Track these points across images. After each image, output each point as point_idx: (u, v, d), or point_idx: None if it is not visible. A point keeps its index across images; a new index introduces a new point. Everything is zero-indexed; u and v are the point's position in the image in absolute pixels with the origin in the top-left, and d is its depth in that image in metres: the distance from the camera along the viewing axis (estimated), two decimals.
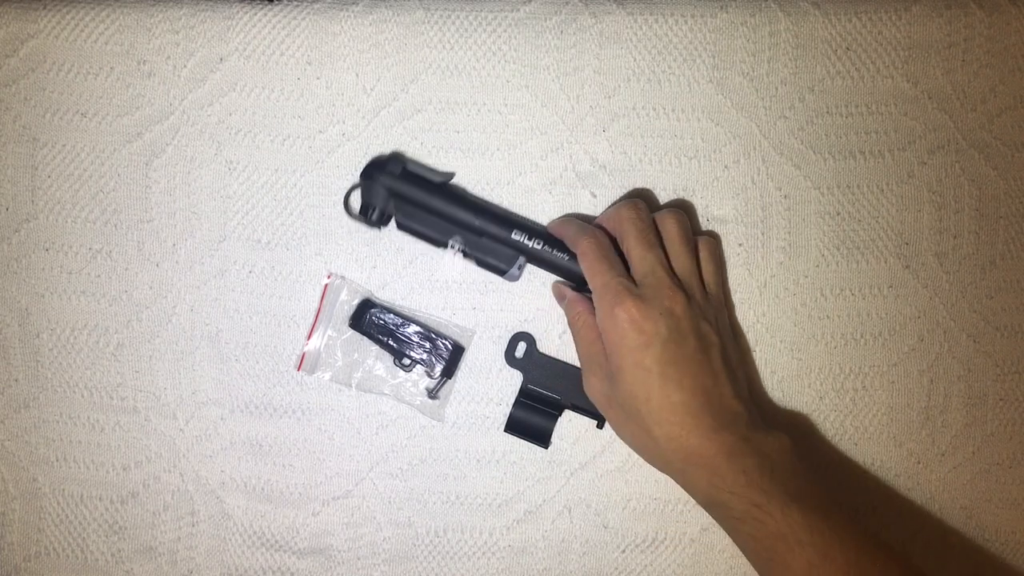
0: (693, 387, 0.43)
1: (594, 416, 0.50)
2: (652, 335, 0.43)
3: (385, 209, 0.49)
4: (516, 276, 0.49)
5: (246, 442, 0.51)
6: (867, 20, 0.51)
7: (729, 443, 0.43)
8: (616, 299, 0.44)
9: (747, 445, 0.43)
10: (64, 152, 0.51)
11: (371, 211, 0.49)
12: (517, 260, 0.49)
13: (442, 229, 0.48)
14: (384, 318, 0.50)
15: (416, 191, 0.48)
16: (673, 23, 0.50)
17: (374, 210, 0.49)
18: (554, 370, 0.50)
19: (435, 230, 0.48)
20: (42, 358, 0.51)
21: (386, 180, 0.48)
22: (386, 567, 0.51)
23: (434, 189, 0.48)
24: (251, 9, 0.50)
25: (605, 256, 0.46)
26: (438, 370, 0.51)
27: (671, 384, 0.43)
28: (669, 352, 0.43)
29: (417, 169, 0.49)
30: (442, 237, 0.49)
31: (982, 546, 0.52)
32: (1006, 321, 0.51)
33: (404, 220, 0.49)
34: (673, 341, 0.43)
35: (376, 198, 0.48)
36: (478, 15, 0.50)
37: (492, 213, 0.49)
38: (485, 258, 0.49)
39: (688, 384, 0.43)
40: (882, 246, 0.51)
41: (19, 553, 0.52)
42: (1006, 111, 0.51)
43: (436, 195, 0.48)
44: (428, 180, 0.48)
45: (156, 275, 0.51)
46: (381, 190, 0.48)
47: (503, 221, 0.48)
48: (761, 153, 0.51)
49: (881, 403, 0.51)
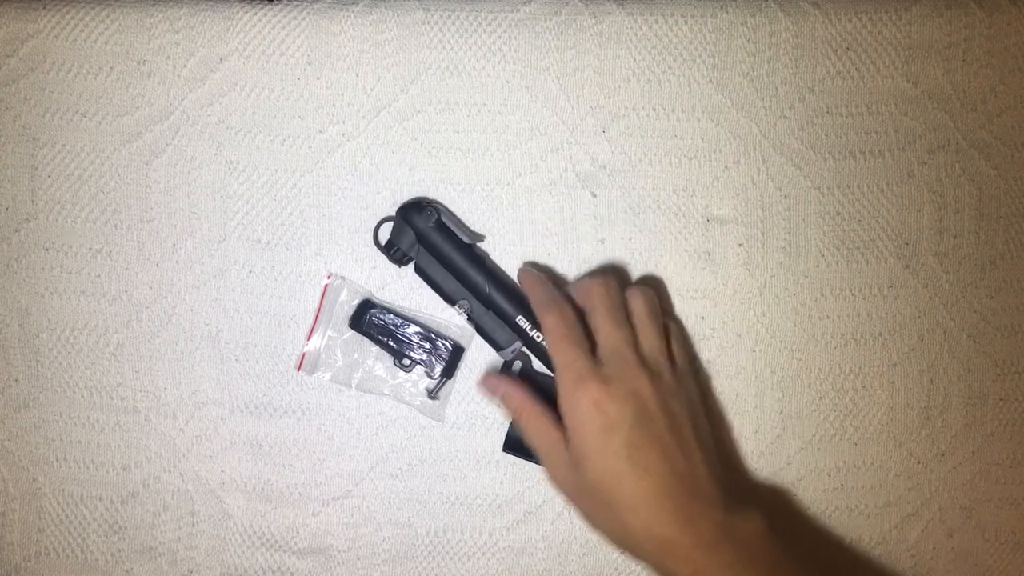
0: (663, 471, 0.41)
1: None
2: (618, 418, 0.42)
3: (409, 251, 0.49)
4: (509, 356, 0.49)
5: (246, 442, 0.51)
6: (867, 20, 0.51)
7: (707, 533, 0.41)
8: (579, 381, 0.42)
9: (725, 535, 0.41)
10: (64, 152, 0.51)
11: (396, 249, 0.49)
12: (513, 343, 0.49)
13: (455, 288, 0.49)
14: (384, 318, 0.50)
15: (443, 244, 0.48)
16: (673, 23, 0.50)
17: (399, 249, 0.49)
18: (550, 388, 0.50)
19: (449, 286, 0.49)
20: (42, 358, 0.51)
21: (418, 225, 0.49)
22: (386, 567, 0.51)
23: (460, 247, 0.49)
24: (251, 9, 0.50)
25: (569, 334, 0.44)
26: (438, 370, 0.51)
27: (641, 469, 0.41)
28: (637, 435, 0.42)
29: (450, 223, 0.49)
30: (453, 295, 0.49)
31: (982, 546, 0.52)
32: (1006, 321, 0.51)
33: (423, 267, 0.49)
34: (640, 423, 0.42)
35: (404, 239, 0.49)
36: (478, 15, 0.50)
37: (506, 290, 0.49)
38: (485, 329, 0.49)
39: (658, 468, 0.41)
40: (882, 246, 0.51)
41: (19, 553, 0.52)
42: (1006, 111, 0.51)
43: (460, 254, 0.48)
44: (457, 237, 0.49)
45: (156, 275, 0.51)
46: (411, 233, 0.49)
47: (513, 302, 0.48)
48: (761, 153, 0.51)
49: (881, 403, 0.51)
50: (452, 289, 0.49)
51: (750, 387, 0.51)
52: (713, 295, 0.51)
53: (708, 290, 0.51)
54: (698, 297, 0.51)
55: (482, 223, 0.51)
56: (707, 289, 0.51)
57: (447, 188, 0.51)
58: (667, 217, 0.51)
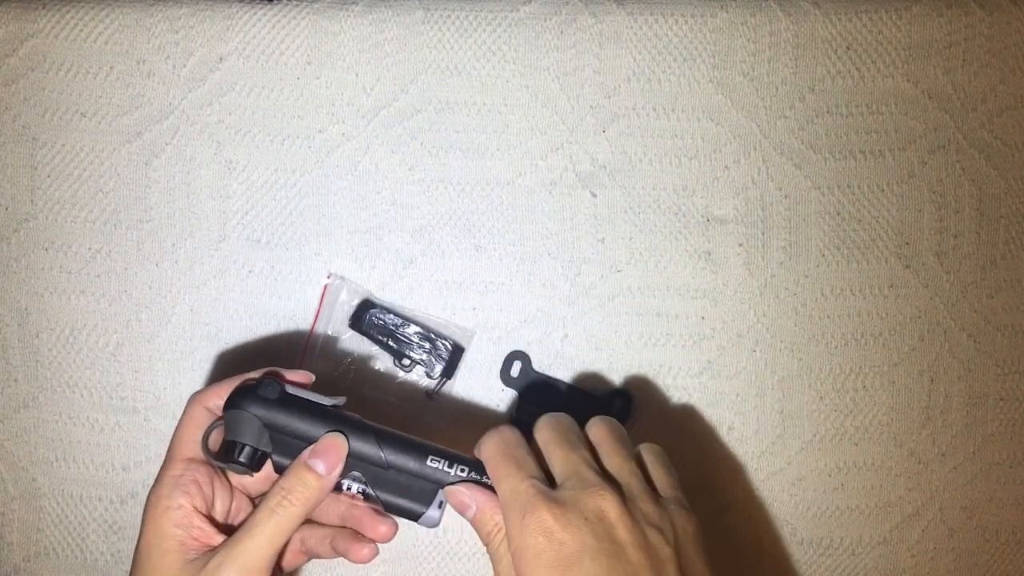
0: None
1: None
2: (576, 549, 0.33)
3: (258, 444, 0.39)
4: (436, 519, 0.39)
5: None
6: (867, 20, 0.51)
7: None
8: (526, 506, 0.34)
9: None
10: (63, 152, 0.51)
11: (240, 449, 0.38)
12: (436, 497, 0.39)
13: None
14: (384, 318, 0.50)
15: (297, 421, 0.39)
16: (673, 23, 0.50)
17: (243, 447, 0.38)
18: (550, 388, 0.50)
19: None
20: (42, 358, 0.51)
21: (257, 410, 0.39)
22: (386, 567, 0.51)
23: (321, 415, 0.39)
24: (251, 9, 0.50)
25: (511, 454, 0.37)
26: (438, 370, 0.51)
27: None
28: (602, 569, 0.33)
29: (298, 392, 0.40)
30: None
31: (982, 546, 0.52)
32: (1006, 321, 0.51)
33: (282, 460, 0.39)
34: (604, 554, 0.33)
35: (246, 434, 0.39)
36: (478, 15, 0.50)
37: (398, 438, 0.40)
38: (392, 499, 0.39)
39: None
40: (882, 246, 0.51)
41: (19, 553, 0.52)
42: (1006, 111, 0.51)
43: (324, 424, 0.39)
44: (314, 405, 0.39)
45: (155, 275, 0.51)
46: (253, 422, 0.39)
47: (413, 447, 0.39)
48: (761, 153, 0.51)
49: (881, 403, 0.51)
50: None
51: (750, 387, 0.51)
52: (713, 295, 0.51)
53: (708, 290, 0.51)
54: (698, 297, 0.51)
55: (482, 223, 0.51)
56: (707, 289, 0.51)
57: (447, 188, 0.51)
58: (667, 217, 0.51)
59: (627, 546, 0.34)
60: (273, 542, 0.37)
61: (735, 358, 0.51)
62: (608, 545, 0.34)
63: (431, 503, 0.39)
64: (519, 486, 0.35)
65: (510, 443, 0.37)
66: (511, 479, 0.36)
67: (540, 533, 0.34)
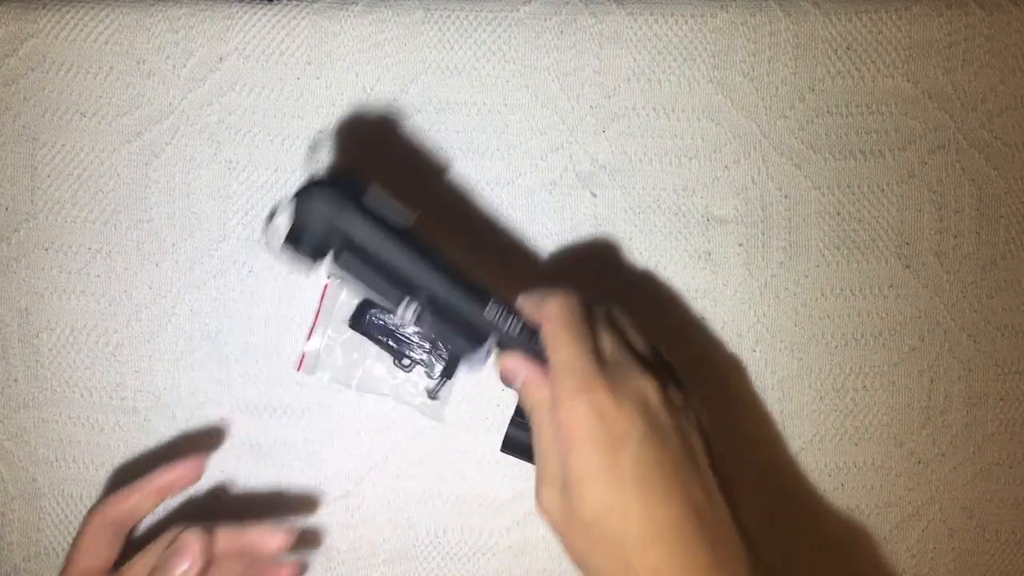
0: (684, 503, 0.33)
1: None
2: (626, 431, 0.34)
3: (320, 245, 0.36)
4: (482, 360, 0.38)
5: (246, 442, 0.51)
6: (867, 20, 0.51)
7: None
8: (583, 382, 0.34)
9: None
10: (63, 151, 0.51)
11: (301, 240, 0.36)
12: (487, 343, 0.38)
13: (393, 284, 0.37)
14: (384, 318, 0.50)
15: (369, 229, 0.37)
16: (673, 23, 0.50)
17: (304, 242, 0.36)
18: None
19: (385, 283, 0.37)
20: (42, 358, 0.51)
21: (330, 206, 0.36)
22: (386, 567, 0.51)
23: (391, 235, 0.37)
24: (251, 9, 0.50)
25: (573, 322, 0.36)
26: (438, 371, 0.51)
27: (655, 497, 0.33)
28: (649, 453, 0.33)
29: (375, 201, 0.37)
30: (392, 297, 0.37)
31: (982, 546, 0.52)
32: (1006, 321, 0.51)
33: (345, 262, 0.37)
34: (654, 440, 0.34)
35: (313, 224, 0.36)
36: (478, 15, 0.50)
37: (464, 276, 0.38)
38: (445, 331, 0.38)
39: (678, 498, 0.33)
40: (882, 246, 0.51)
41: (19, 553, 0.52)
42: (1006, 111, 0.51)
43: (394, 241, 0.37)
44: (385, 221, 0.37)
45: (155, 275, 0.51)
46: (322, 216, 0.36)
47: (476, 289, 0.38)
48: (761, 153, 0.51)
49: (881, 403, 0.51)
50: (391, 285, 0.37)
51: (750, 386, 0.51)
52: (713, 295, 0.51)
53: (708, 290, 0.51)
54: (698, 297, 0.51)
55: (482, 223, 0.51)
56: (707, 289, 0.51)
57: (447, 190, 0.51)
58: (667, 217, 0.51)
59: (668, 430, 0.34)
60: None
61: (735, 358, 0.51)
62: (654, 430, 0.34)
63: (481, 345, 0.38)
64: (576, 361, 0.35)
65: (575, 312, 0.37)
66: (570, 349, 0.35)
67: (594, 412, 0.34)
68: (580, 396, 0.34)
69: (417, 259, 0.37)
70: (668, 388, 0.36)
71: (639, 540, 0.33)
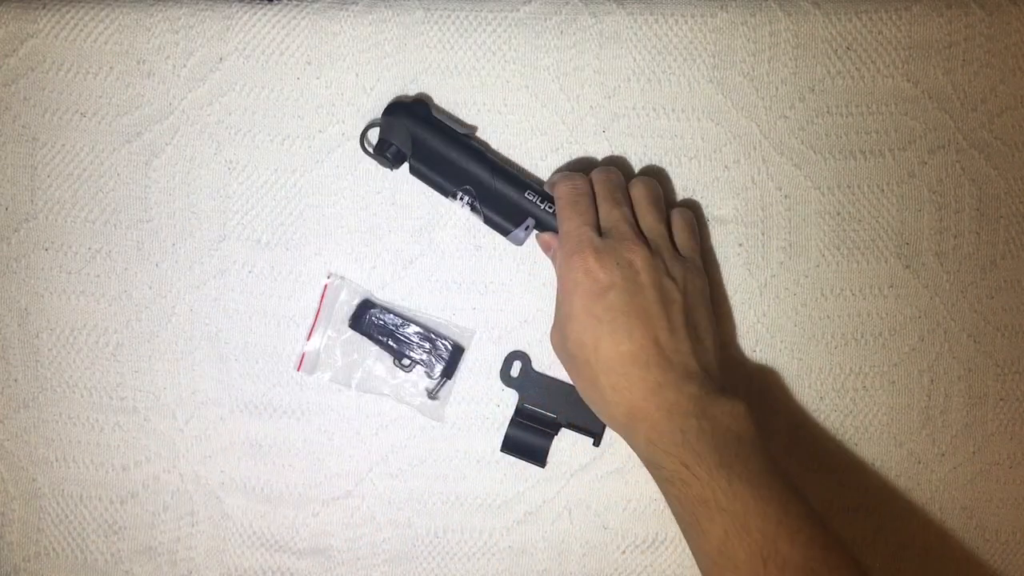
0: (644, 338, 0.42)
1: (590, 434, 0.50)
2: (606, 284, 0.43)
3: (402, 149, 0.48)
4: (521, 239, 0.48)
5: (246, 442, 0.51)
6: (867, 20, 0.51)
7: (672, 400, 0.41)
8: (576, 247, 0.44)
9: (693, 405, 0.41)
10: (63, 152, 0.51)
11: (389, 147, 0.48)
12: (525, 222, 0.48)
13: (454, 180, 0.48)
14: (384, 318, 0.50)
15: (436, 138, 0.48)
16: (673, 23, 0.50)
17: (392, 145, 0.48)
18: (549, 388, 0.50)
19: (447, 179, 0.48)
20: (42, 358, 0.51)
21: (408, 122, 0.48)
22: (386, 567, 0.51)
23: (454, 139, 0.48)
24: (251, 9, 0.50)
25: (577, 203, 0.45)
26: (438, 370, 0.51)
27: (620, 333, 0.42)
28: (622, 302, 0.42)
29: (441, 116, 0.48)
30: (452, 187, 0.48)
31: (982, 546, 0.52)
32: (1006, 321, 0.51)
33: (418, 164, 0.48)
34: (628, 292, 0.43)
35: (395, 137, 0.48)
36: (478, 15, 0.50)
37: (506, 171, 0.48)
38: (492, 215, 0.48)
39: (639, 335, 0.42)
40: (882, 246, 0.51)
41: (19, 553, 0.52)
42: (1006, 111, 0.51)
43: (454, 146, 0.48)
44: (449, 129, 0.48)
45: (156, 275, 0.51)
46: (403, 130, 0.48)
47: (516, 181, 0.48)
48: (761, 153, 0.51)
49: (881, 403, 0.51)
50: (451, 181, 0.48)
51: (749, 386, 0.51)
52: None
53: None
54: None
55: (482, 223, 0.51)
56: None
57: None
58: None
59: (646, 286, 0.43)
60: None
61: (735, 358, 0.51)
62: (631, 285, 0.43)
63: (520, 225, 0.48)
64: (573, 231, 0.44)
65: (579, 192, 0.46)
66: (572, 221, 0.45)
67: (581, 269, 0.43)
68: (575, 257, 0.44)
69: (471, 156, 0.48)
70: (662, 253, 0.45)
71: (604, 365, 0.43)
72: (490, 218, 0.48)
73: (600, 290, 0.43)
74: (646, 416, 0.42)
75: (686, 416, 0.41)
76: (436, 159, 0.48)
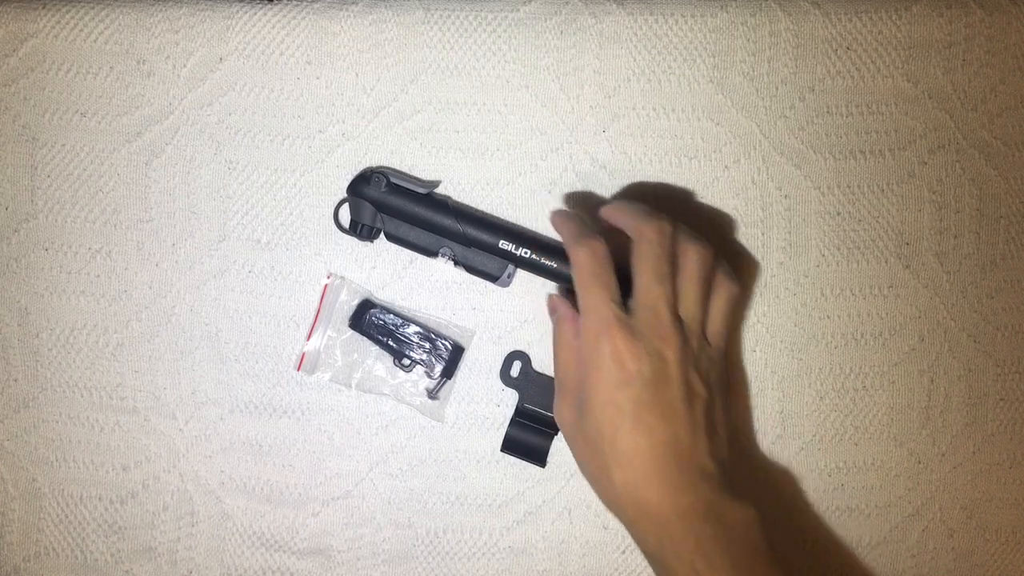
0: (665, 436, 0.41)
1: None
2: (634, 374, 0.41)
3: (373, 223, 0.49)
4: (507, 282, 0.50)
5: (246, 442, 0.51)
6: (867, 20, 0.51)
7: (687, 504, 0.40)
8: (603, 327, 0.41)
9: (708, 510, 0.40)
10: (63, 152, 0.51)
11: (360, 227, 0.49)
12: (506, 268, 0.49)
13: (431, 239, 0.49)
14: (384, 318, 0.50)
15: (402, 203, 0.49)
16: (673, 23, 0.50)
17: (363, 225, 0.49)
18: (550, 388, 0.50)
19: (424, 241, 0.49)
20: (41, 358, 0.51)
21: (371, 194, 0.49)
22: (386, 567, 0.51)
23: (419, 200, 0.49)
24: (251, 9, 0.50)
25: (600, 273, 0.42)
26: (438, 370, 0.51)
27: (642, 429, 0.40)
28: (648, 395, 0.41)
29: (401, 181, 0.49)
30: (431, 247, 0.49)
31: (982, 546, 0.52)
32: (1006, 321, 0.51)
33: (392, 232, 0.49)
34: (655, 385, 0.41)
35: (363, 213, 0.49)
36: (478, 15, 0.50)
37: (479, 221, 0.49)
38: (475, 266, 0.49)
39: (660, 432, 0.41)
40: (882, 246, 0.51)
41: (19, 553, 0.52)
42: (1006, 111, 0.51)
43: (422, 206, 0.49)
44: (413, 191, 0.49)
45: (156, 275, 0.51)
46: (367, 205, 0.49)
47: (490, 229, 0.48)
48: (761, 153, 0.51)
49: (881, 403, 0.51)
50: (429, 242, 0.49)
51: (750, 387, 0.51)
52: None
53: None
54: None
55: None
56: None
57: (447, 188, 0.51)
58: None
59: (673, 381, 0.41)
60: None
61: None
62: (659, 377, 0.41)
63: (503, 272, 0.49)
64: (602, 309, 0.42)
65: (600, 260, 0.42)
66: (596, 295, 0.42)
67: (609, 353, 0.41)
68: (602, 339, 0.41)
69: (439, 212, 0.49)
70: (692, 341, 0.42)
71: (621, 458, 0.41)
72: (473, 269, 0.49)
73: (626, 379, 0.41)
74: (658, 516, 0.41)
75: (702, 521, 0.40)
76: (408, 224, 0.49)
